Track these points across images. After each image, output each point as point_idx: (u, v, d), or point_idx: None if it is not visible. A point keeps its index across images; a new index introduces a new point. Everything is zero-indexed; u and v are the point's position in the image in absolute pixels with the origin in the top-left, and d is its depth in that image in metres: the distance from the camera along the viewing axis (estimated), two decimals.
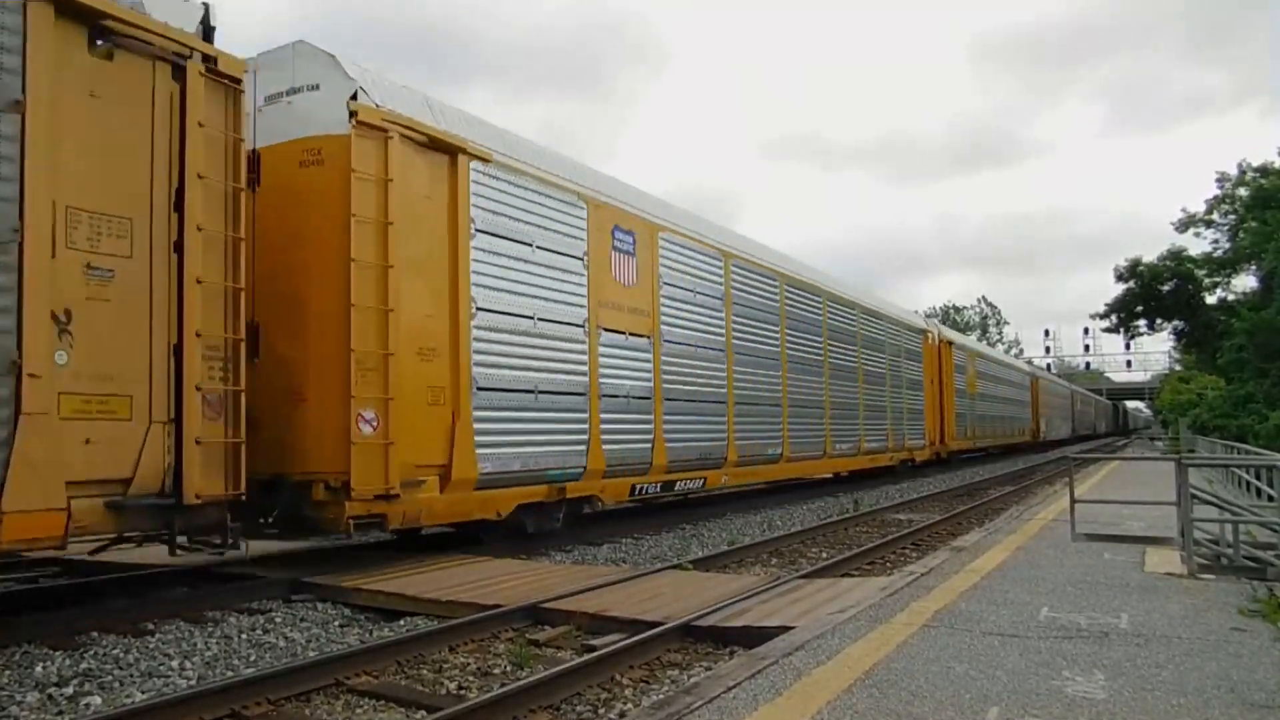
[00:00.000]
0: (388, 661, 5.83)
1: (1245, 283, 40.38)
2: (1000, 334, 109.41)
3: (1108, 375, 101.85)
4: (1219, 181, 41.05)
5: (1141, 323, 48.24)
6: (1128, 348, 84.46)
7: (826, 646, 5.17)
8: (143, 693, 5.37)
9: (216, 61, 7.12)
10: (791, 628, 5.82)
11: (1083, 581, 7.21)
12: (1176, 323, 46.99)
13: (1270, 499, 10.96)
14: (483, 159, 9.85)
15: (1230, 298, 41.58)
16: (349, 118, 8.38)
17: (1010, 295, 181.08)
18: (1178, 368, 74.55)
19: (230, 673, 5.76)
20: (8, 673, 5.63)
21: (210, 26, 7.21)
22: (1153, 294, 44.96)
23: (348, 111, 8.39)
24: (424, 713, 4.94)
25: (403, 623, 7.14)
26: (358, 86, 8.55)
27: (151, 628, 6.78)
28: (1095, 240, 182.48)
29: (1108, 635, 5.44)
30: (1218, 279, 42.54)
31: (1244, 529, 8.07)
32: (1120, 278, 45.92)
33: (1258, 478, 13.69)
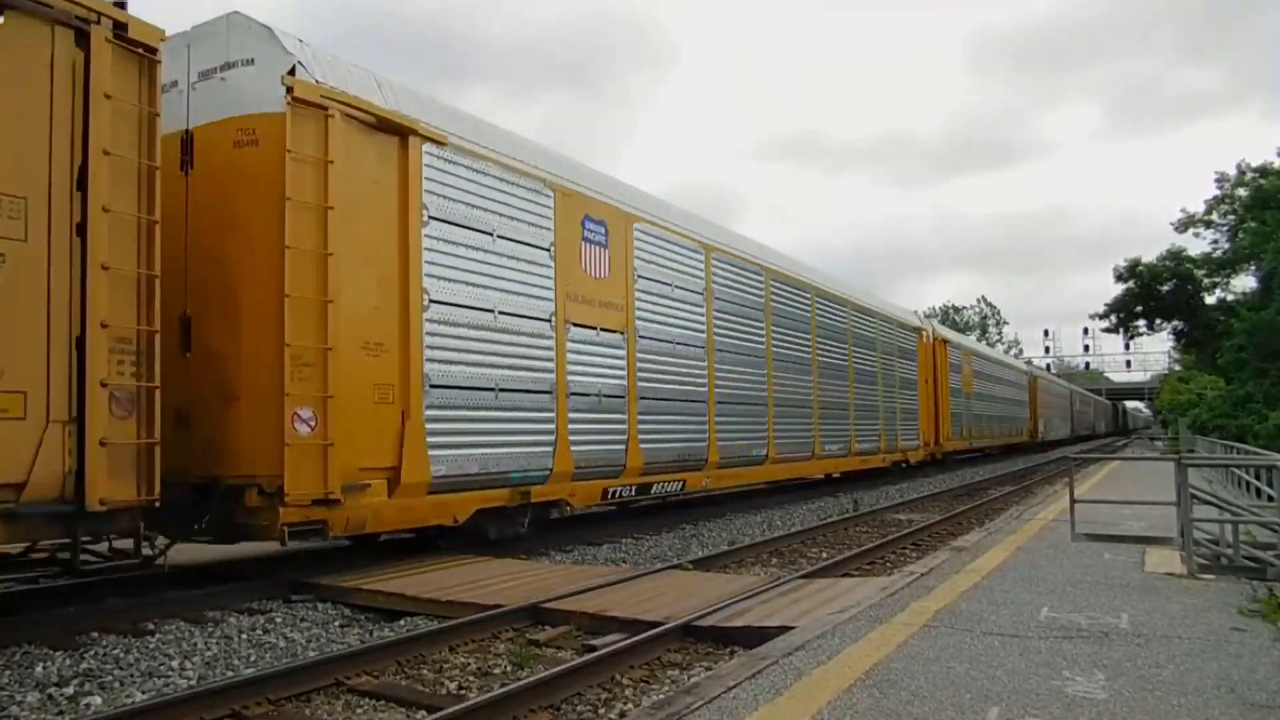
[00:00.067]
0: (388, 661, 5.83)
1: (1245, 283, 40.57)
2: (1000, 334, 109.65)
3: (1107, 375, 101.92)
4: (1218, 182, 41.25)
5: (1141, 323, 48.37)
6: (1127, 348, 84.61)
7: (827, 646, 5.17)
8: (143, 693, 5.37)
9: (127, 28, 6.47)
10: (792, 628, 5.82)
11: (1083, 581, 7.22)
12: (1176, 323, 47.12)
13: (1270, 499, 10.95)
14: (437, 141, 9.27)
15: (1230, 298, 41.73)
16: (285, 94, 7.82)
17: (1010, 295, 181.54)
18: (1177, 368, 74.63)
19: (230, 673, 5.76)
20: (8, 673, 5.62)
21: None
22: (1152, 294, 45.04)
23: (284, 87, 7.83)
24: (424, 713, 4.94)
25: (403, 623, 7.14)
26: (295, 61, 8.04)
27: (151, 628, 6.78)
28: (1095, 240, 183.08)
29: (1108, 635, 5.45)
30: (1217, 279, 42.65)
31: (1244, 529, 8.07)
32: (1120, 278, 46.06)
33: (1257, 478, 13.69)
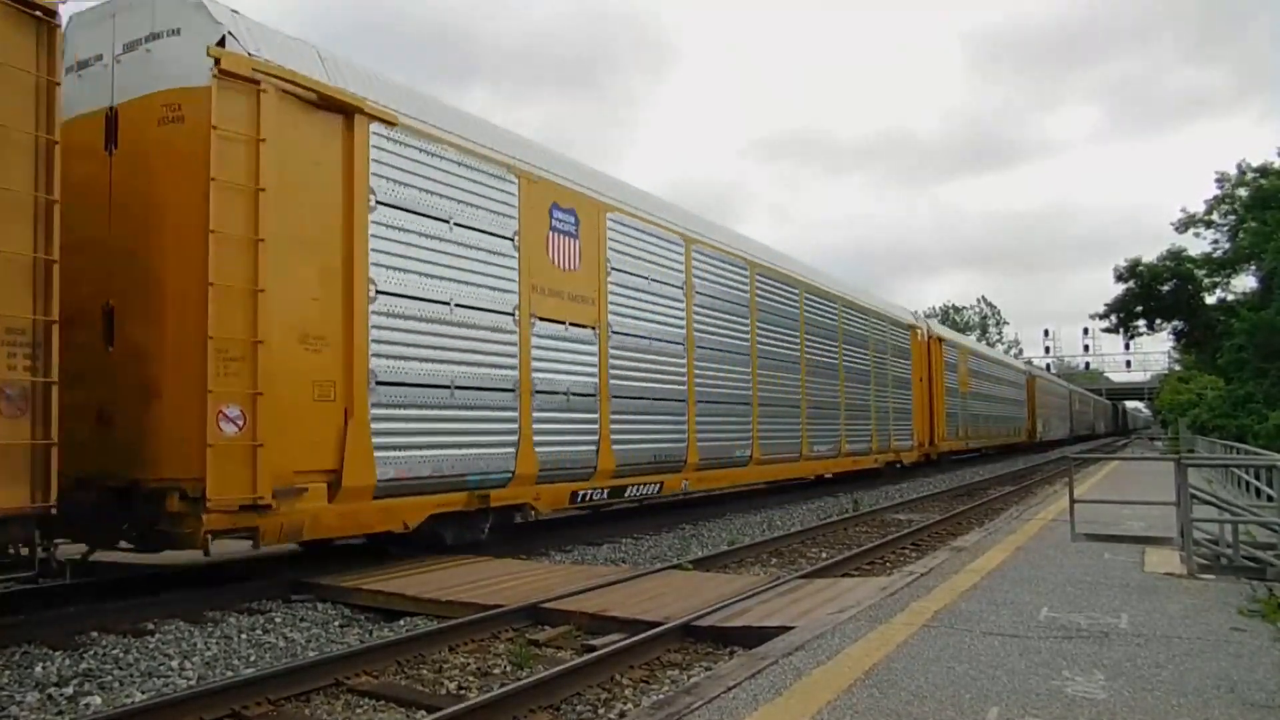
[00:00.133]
0: (388, 661, 5.83)
1: (1245, 283, 40.56)
2: (1000, 334, 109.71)
3: (1107, 375, 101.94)
4: (1219, 182, 41.25)
5: (1141, 323, 48.39)
6: (1127, 348, 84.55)
7: (827, 646, 5.17)
8: (143, 693, 5.37)
9: None
10: (791, 628, 5.82)
11: (1083, 581, 7.22)
12: (1176, 323, 47.14)
13: (1270, 499, 10.95)
14: (386, 121, 8.68)
15: (1230, 298, 41.71)
16: (212, 66, 7.24)
17: (1010, 295, 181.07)
18: (1177, 368, 74.64)
19: (230, 673, 5.76)
20: (8, 673, 5.63)
21: None
22: (1152, 294, 45.06)
23: (211, 59, 7.26)
24: (424, 713, 4.94)
25: (403, 623, 7.14)
26: (225, 31, 7.47)
27: (151, 628, 6.78)
28: (1095, 240, 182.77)
29: (1108, 635, 5.45)
30: (1217, 279, 42.64)
31: (1243, 529, 8.08)
32: (1120, 278, 46.08)
33: (1257, 478, 13.70)
